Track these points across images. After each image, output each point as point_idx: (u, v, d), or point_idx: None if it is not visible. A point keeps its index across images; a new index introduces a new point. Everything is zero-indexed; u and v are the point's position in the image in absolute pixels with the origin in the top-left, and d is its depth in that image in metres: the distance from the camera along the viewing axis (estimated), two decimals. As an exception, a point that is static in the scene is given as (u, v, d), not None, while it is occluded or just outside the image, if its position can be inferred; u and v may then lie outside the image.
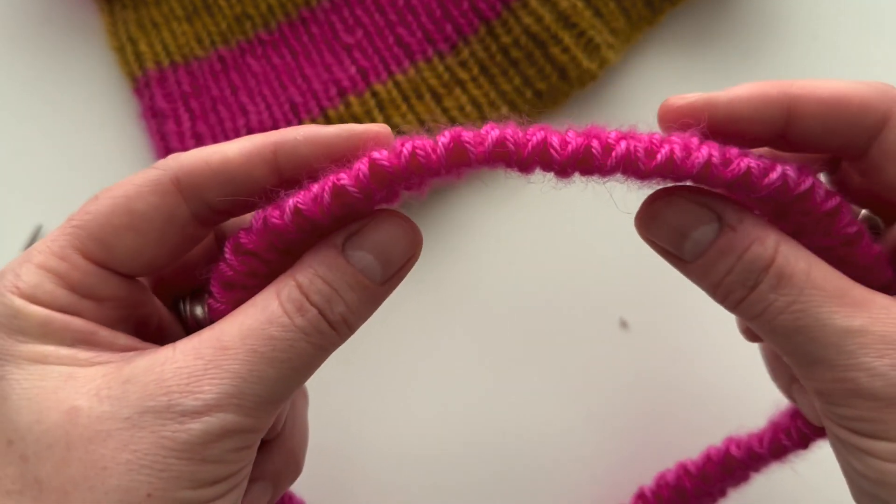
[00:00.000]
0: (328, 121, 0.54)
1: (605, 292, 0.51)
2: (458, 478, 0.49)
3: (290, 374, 0.28)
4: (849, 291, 0.28)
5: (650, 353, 0.50)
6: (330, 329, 0.29)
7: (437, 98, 0.54)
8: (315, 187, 0.29)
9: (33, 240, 0.54)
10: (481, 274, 0.52)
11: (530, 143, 0.28)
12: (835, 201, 0.29)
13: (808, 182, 0.29)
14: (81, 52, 0.59)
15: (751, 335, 0.39)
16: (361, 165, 0.28)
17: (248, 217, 0.31)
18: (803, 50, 0.56)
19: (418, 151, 0.28)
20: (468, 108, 0.54)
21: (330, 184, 0.29)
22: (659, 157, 0.28)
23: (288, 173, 0.30)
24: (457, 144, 0.28)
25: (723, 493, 0.44)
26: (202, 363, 0.27)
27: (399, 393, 0.51)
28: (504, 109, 0.54)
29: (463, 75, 0.54)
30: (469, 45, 0.55)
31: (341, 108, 0.54)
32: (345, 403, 0.50)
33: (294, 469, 0.36)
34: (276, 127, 0.55)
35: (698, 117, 0.29)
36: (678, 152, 0.28)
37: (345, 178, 0.28)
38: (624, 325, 0.51)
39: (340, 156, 0.29)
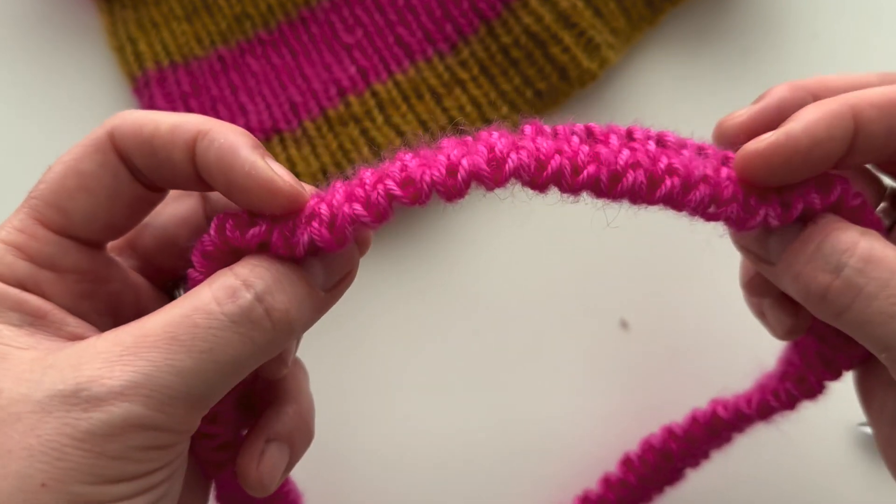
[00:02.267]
0: (328, 121, 0.54)
1: (605, 292, 0.51)
2: (450, 476, 0.49)
3: (212, 368, 0.26)
4: None
5: (651, 353, 0.50)
6: (266, 318, 0.27)
7: (437, 98, 0.54)
8: (315, 216, 0.28)
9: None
10: (481, 274, 0.52)
11: (545, 173, 0.30)
12: (858, 200, 0.31)
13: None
14: (81, 52, 0.58)
15: (753, 289, 0.38)
16: (380, 196, 0.28)
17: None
18: (803, 49, 0.56)
19: (437, 185, 0.28)
20: (468, 108, 0.54)
21: (341, 212, 0.28)
22: (662, 188, 0.29)
23: (200, 169, 0.29)
24: (474, 175, 0.29)
25: (706, 456, 0.45)
26: (119, 349, 0.26)
27: (396, 391, 0.51)
28: (504, 109, 0.53)
29: (463, 75, 0.54)
30: (469, 44, 0.55)
31: (341, 107, 0.54)
32: (342, 404, 0.50)
33: (306, 432, 0.35)
34: (275, 127, 0.55)
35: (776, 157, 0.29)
36: (678, 186, 0.29)
37: (359, 209, 0.28)
38: (624, 325, 0.51)
39: (237, 185, 0.28)
